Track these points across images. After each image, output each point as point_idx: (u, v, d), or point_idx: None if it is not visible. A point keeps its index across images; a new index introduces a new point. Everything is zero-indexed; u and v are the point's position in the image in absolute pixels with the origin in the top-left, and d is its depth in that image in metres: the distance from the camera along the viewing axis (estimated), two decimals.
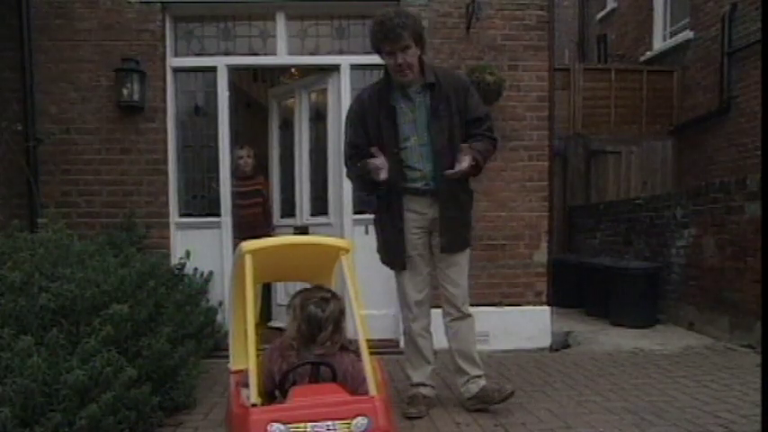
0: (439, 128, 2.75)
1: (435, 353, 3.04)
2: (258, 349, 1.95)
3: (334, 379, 2.01)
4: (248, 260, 2.00)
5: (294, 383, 1.99)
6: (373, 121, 2.76)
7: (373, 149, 2.71)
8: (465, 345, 2.91)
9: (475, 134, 2.79)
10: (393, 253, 2.87)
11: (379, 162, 2.67)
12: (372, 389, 1.88)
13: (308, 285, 2.28)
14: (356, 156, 2.79)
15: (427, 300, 2.94)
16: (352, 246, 2.18)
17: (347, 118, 2.92)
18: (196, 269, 4.18)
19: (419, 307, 2.91)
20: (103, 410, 2.24)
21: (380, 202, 2.89)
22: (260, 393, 1.91)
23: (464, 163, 2.67)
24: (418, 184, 2.81)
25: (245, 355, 2.02)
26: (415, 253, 2.86)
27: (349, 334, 2.11)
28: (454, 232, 2.83)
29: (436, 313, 2.98)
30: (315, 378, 2.03)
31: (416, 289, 2.89)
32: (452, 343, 2.93)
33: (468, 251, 2.94)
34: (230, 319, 2.29)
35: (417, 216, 2.83)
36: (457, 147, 2.74)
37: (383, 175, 2.67)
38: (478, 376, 2.91)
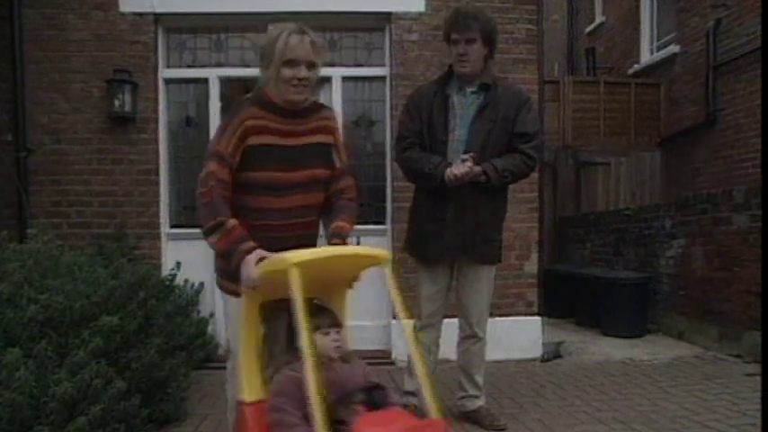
0: (479, 127, 2.72)
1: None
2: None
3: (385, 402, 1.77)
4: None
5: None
6: (427, 108, 2.77)
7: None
8: (470, 367, 2.90)
9: (514, 148, 2.74)
10: (430, 243, 2.76)
11: (463, 170, 2.60)
12: (435, 411, 1.69)
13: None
14: (413, 143, 2.78)
15: (440, 313, 2.88)
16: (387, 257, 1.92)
17: (404, 106, 2.92)
18: (187, 280, 4.15)
19: (429, 318, 2.87)
20: (92, 423, 2.22)
21: (421, 190, 2.84)
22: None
23: (460, 168, 2.60)
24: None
25: (260, 385, 1.88)
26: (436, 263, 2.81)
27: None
28: (465, 236, 2.74)
29: (450, 324, 2.94)
30: (370, 403, 1.75)
31: (431, 300, 2.85)
32: (459, 359, 2.93)
33: (490, 269, 2.86)
34: (239, 344, 2.00)
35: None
36: (489, 153, 2.70)
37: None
38: (476, 396, 2.92)
